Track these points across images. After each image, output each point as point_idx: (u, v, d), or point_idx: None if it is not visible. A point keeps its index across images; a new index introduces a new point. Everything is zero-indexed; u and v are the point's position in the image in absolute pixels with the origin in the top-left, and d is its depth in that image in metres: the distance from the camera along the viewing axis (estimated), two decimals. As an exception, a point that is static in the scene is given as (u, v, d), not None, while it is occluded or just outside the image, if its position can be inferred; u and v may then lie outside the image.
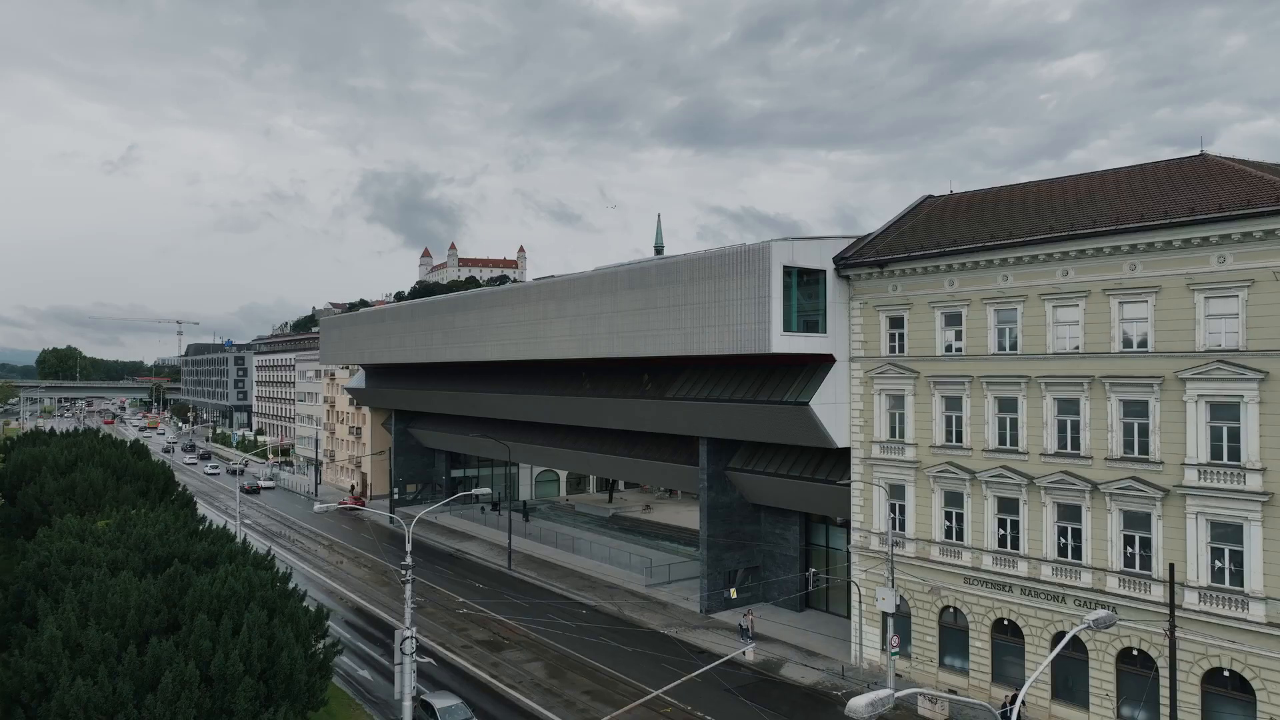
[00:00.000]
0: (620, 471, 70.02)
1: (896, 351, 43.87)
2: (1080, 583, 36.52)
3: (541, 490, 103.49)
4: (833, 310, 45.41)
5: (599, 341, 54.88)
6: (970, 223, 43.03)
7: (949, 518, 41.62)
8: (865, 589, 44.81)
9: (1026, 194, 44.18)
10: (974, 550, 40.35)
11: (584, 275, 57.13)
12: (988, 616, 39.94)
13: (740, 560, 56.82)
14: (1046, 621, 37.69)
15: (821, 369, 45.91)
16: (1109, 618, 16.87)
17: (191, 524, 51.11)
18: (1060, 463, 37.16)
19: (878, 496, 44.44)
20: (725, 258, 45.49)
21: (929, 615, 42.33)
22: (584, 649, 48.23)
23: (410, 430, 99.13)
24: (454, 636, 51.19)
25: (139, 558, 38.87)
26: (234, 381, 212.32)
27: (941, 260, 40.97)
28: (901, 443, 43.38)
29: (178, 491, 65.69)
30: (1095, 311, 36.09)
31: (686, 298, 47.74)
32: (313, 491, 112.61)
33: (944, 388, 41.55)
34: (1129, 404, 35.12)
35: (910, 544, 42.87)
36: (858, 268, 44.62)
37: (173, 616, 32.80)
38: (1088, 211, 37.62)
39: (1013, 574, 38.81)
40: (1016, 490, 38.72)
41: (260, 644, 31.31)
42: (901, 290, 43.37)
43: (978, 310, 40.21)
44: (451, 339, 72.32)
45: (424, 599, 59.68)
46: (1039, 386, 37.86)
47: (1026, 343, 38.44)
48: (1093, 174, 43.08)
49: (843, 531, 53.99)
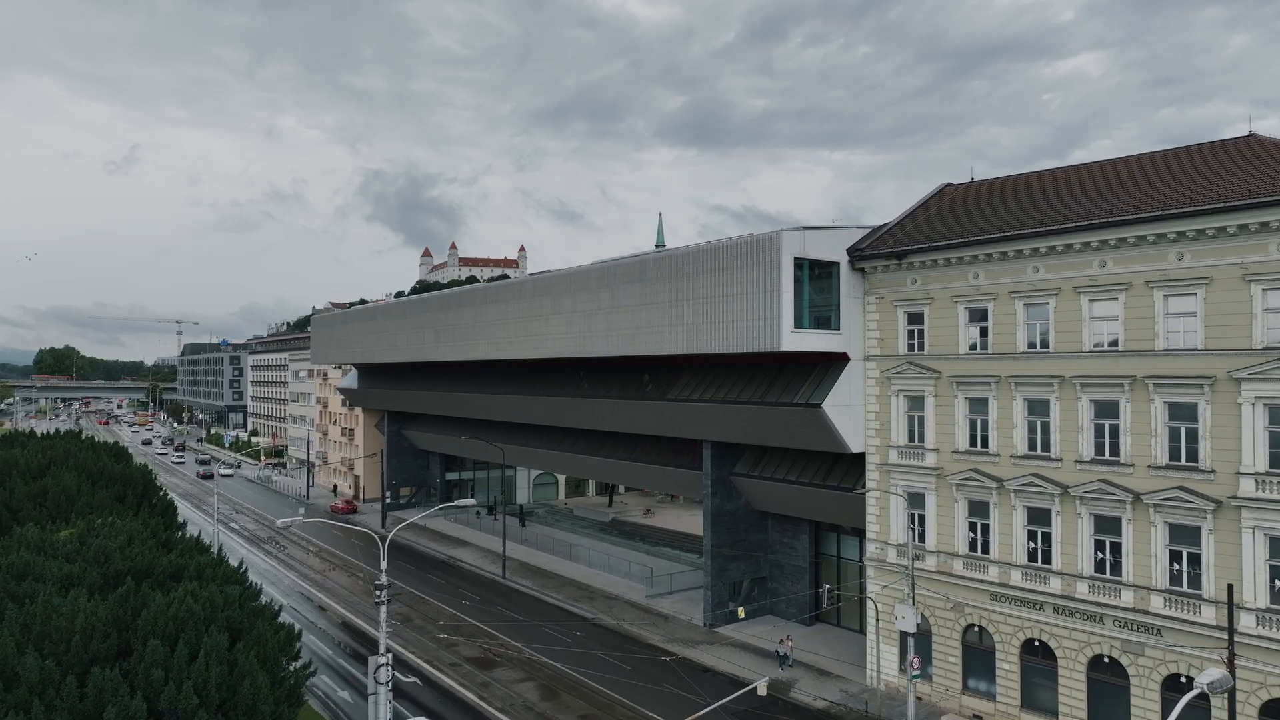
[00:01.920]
0: (619, 476, 66.96)
1: (915, 350, 40.80)
2: (1120, 602, 33.42)
3: (539, 494, 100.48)
4: (846, 305, 42.33)
5: (596, 339, 51.82)
6: (995, 210, 39.96)
7: (973, 529, 38.54)
8: (882, 605, 41.73)
9: (1055, 180, 41.11)
10: (1001, 565, 37.27)
11: (580, 269, 54.04)
12: (1016, 636, 36.85)
13: (746, 571, 53.75)
14: (1082, 643, 34.59)
15: (834, 369, 42.84)
16: (1224, 680, 13.82)
17: (164, 534, 48.17)
18: (1098, 470, 34.07)
19: (895, 506, 41.38)
20: (731, 249, 42.42)
21: (951, 634, 39.25)
22: (580, 667, 45.19)
23: (404, 432, 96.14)
24: (442, 653, 48.14)
25: (97, 573, 35.87)
26: (229, 382, 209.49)
27: (965, 251, 37.88)
28: (921, 448, 40.31)
29: (159, 497, 62.85)
30: (1137, 305, 33.00)
31: (689, 292, 44.68)
32: (304, 494, 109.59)
33: (968, 388, 38.48)
34: (1175, 406, 32.03)
35: (931, 557, 39.80)
36: (874, 259, 41.54)
37: (124, 641, 29.80)
38: (1127, 197, 34.55)
39: (1045, 591, 35.71)
40: (1049, 500, 35.64)
41: (219, 672, 28.31)
42: (921, 284, 40.29)
43: (1005, 305, 37.13)
44: (444, 337, 69.27)
45: (412, 611, 56.68)
46: (1074, 387, 34.78)
47: (1059, 339, 35.36)
48: (1129, 158, 40.00)
49: (855, 540, 50.94)
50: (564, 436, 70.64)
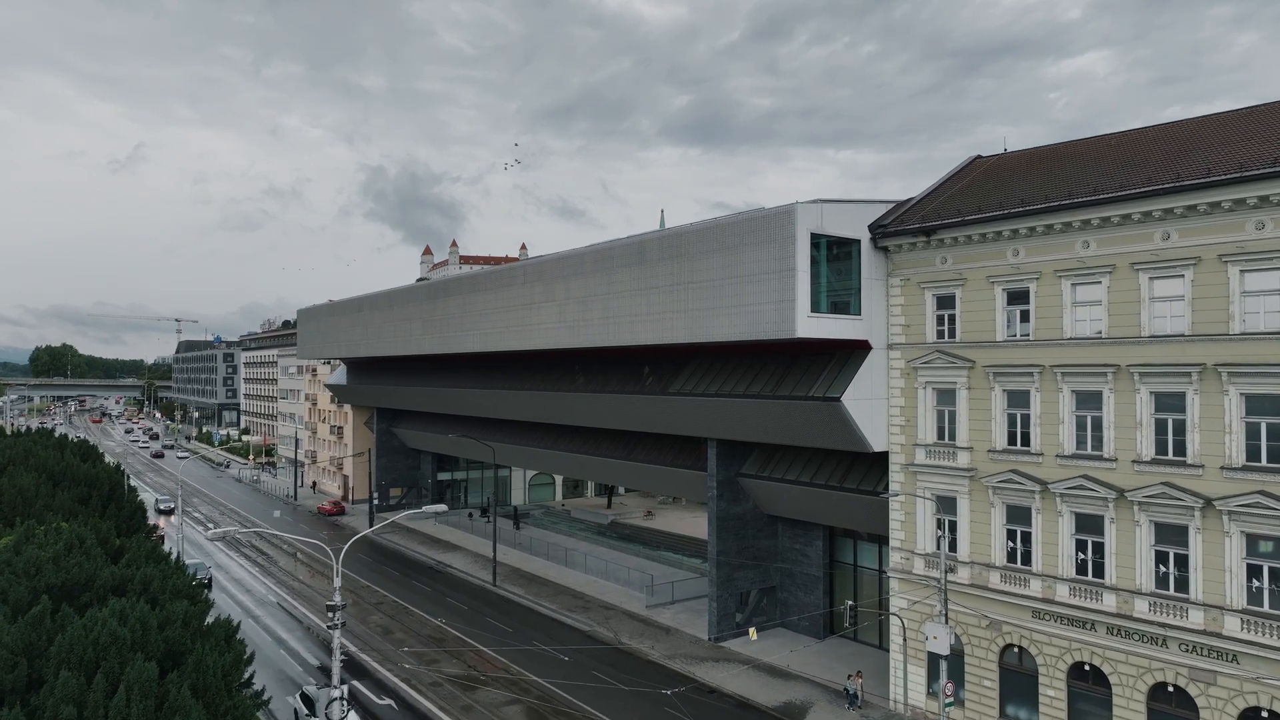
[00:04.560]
0: (617, 477, 62.72)
1: (946, 337, 36.56)
2: (1188, 622, 29.17)
3: (536, 494, 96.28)
4: (868, 288, 38.09)
5: (592, 328, 47.56)
6: (1037, 181, 35.70)
7: (1012, 538, 34.29)
8: (909, 622, 37.48)
9: (1103, 147, 36.84)
10: (1045, 578, 33.02)
11: (574, 252, 49.77)
12: (1063, 660, 32.59)
13: (754, 579, 49.51)
14: (1141, 669, 30.33)
15: (854, 359, 38.60)
16: None
17: (118, 540, 44.01)
18: (1160, 472, 29.82)
19: (923, 511, 37.14)
20: (740, 225, 38.17)
21: (987, 656, 35.00)
22: (573, 687, 40.97)
23: (394, 430, 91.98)
24: (422, 671, 43.92)
25: (26, 587, 31.78)
26: (223, 379, 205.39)
27: (1005, 225, 33.62)
28: (952, 446, 36.06)
29: (127, 499, 58.73)
30: (1208, 284, 28.73)
31: (693, 274, 40.44)
32: (292, 495, 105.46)
33: (1006, 380, 34.23)
34: (1254, 399, 27.78)
35: (964, 568, 35.55)
36: (899, 236, 37.28)
37: (35, 671, 25.68)
38: (1195, 161, 30.27)
39: (1096, 609, 31.45)
40: (1101, 505, 31.37)
41: (144, 708, 24.14)
42: (952, 263, 36.05)
43: (1050, 285, 32.87)
44: (431, 328, 65.03)
45: (394, 622, 52.52)
46: (1131, 377, 30.52)
47: (1114, 324, 31.10)
48: (1188, 120, 35.71)
49: (873, 547, 46.72)
50: (559, 435, 66.43)
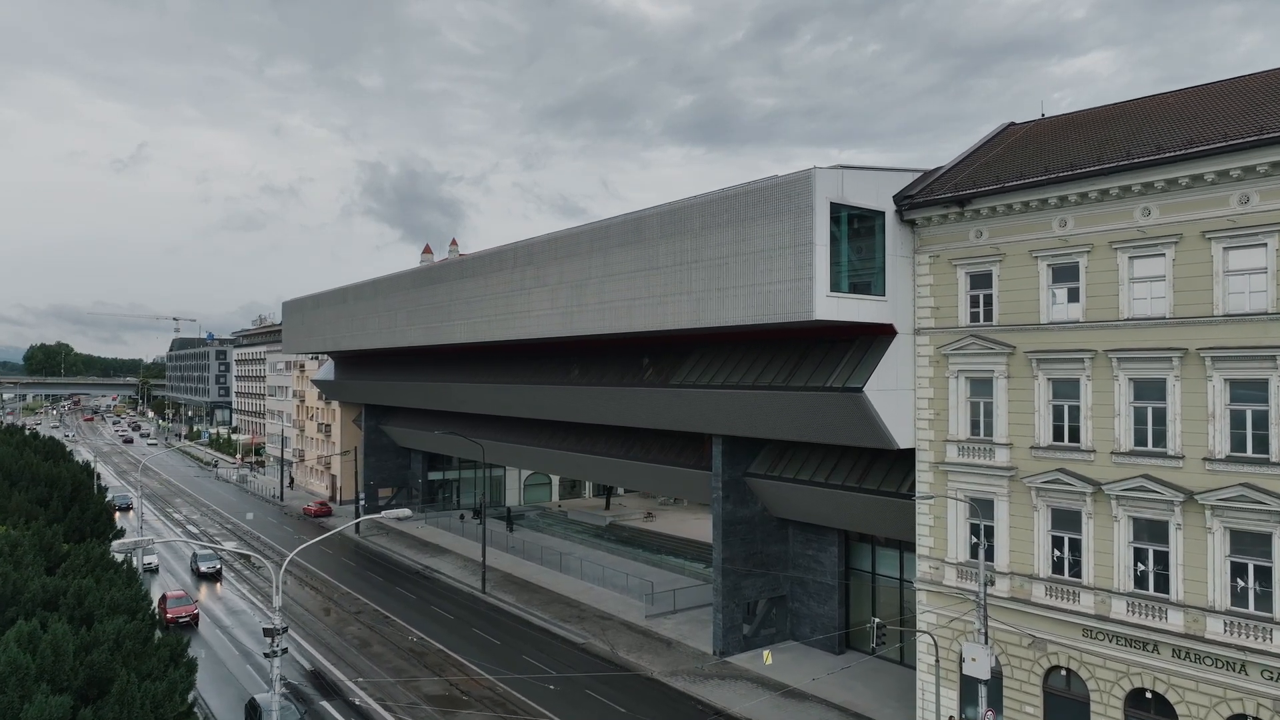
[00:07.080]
0: (615, 476, 58.81)
1: (981, 320, 32.60)
2: (1272, 646, 25.25)
3: (531, 495, 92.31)
4: (893, 266, 34.14)
5: (587, 315, 43.62)
6: (1081, 144, 31.74)
7: (1059, 546, 30.34)
8: (941, 640, 33.51)
9: (1159, 106, 32.89)
10: (1098, 592, 29.07)
11: (569, 231, 45.80)
12: (1119, 685, 28.65)
13: (763, 588, 45.57)
14: (1215, 698, 26.39)
15: (876, 345, 34.66)
16: None
17: (63, 546, 40.16)
18: (1236, 472, 25.89)
19: (955, 515, 33.19)
20: (750, 195, 34.21)
21: (1029, 678, 31.05)
22: (566, 708, 37.07)
23: (382, 428, 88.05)
24: (399, 690, 40.01)
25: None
26: (215, 377, 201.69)
27: (1052, 191, 29.66)
28: (989, 443, 32.11)
29: (94, 500, 54.87)
30: (1295, 252, 24.82)
31: (698, 253, 36.50)
32: (278, 495, 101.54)
33: (1052, 367, 30.29)
34: (1354, 386, 23.85)
35: (1002, 580, 31.61)
36: (929, 208, 33.33)
37: (-79, 706, 21.81)
38: (1273, 114, 26.32)
39: (1160, 627, 27.52)
40: (1166, 509, 27.43)
41: (44, 752, 20.30)
42: (989, 236, 32.09)
43: (1103, 259, 28.92)
44: (416, 318, 61.09)
45: (373, 634, 48.60)
46: (1201, 363, 26.59)
47: (1180, 301, 27.16)
48: (1259, 74, 31.75)
49: (893, 553, 42.82)
50: (554, 431, 62.50)
